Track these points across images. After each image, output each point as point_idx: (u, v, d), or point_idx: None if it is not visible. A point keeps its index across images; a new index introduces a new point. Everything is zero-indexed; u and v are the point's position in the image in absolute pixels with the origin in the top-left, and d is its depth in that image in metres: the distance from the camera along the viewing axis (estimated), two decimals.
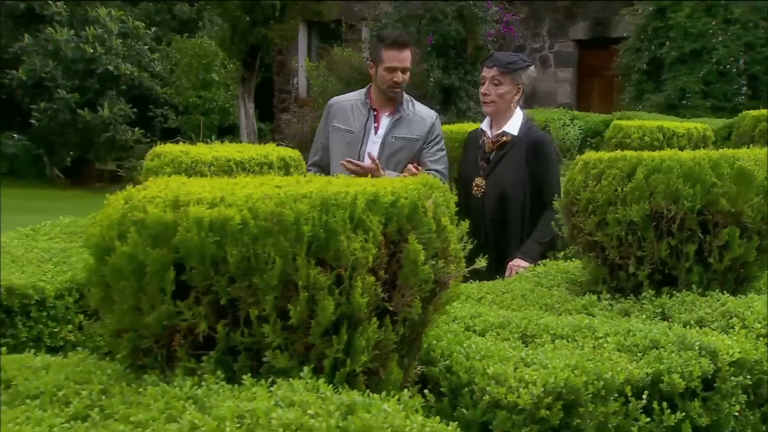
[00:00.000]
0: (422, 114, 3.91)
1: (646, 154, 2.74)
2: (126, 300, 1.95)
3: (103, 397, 1.88)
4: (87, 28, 16.51)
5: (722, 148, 3.07)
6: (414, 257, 1.94)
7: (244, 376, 1.89)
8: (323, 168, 3.93)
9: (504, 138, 3.58)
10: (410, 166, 3.76)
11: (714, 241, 2.63)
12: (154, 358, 2.00)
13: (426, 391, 2.11)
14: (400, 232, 1.96)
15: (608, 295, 2.79)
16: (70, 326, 3.10)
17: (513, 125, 3.62)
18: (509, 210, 3.86)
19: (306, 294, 1.88)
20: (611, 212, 2.75)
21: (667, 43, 13.80)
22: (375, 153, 3.75)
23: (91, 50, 16.60)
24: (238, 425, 1.71)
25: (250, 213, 1.89)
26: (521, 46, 16.60)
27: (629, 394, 2.13)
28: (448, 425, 1.78)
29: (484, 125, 3.76)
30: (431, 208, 1.99)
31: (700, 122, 6.69)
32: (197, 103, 16.27)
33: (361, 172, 3.61)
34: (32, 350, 2.70)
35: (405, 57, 3.80)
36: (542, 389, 1.99)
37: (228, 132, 17.36)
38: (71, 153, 17.60)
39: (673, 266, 2.70)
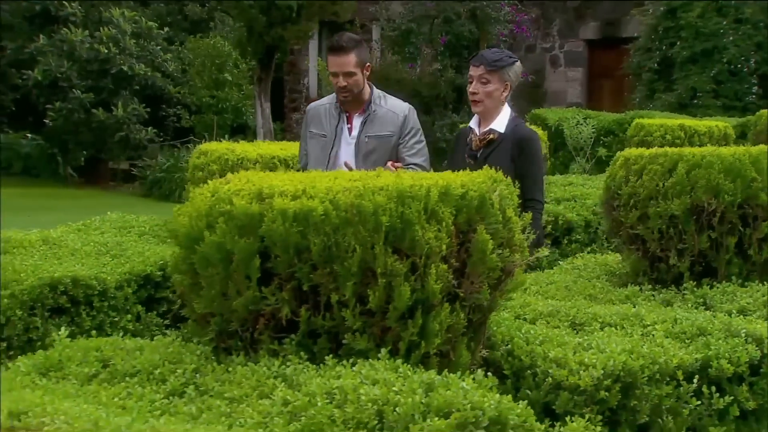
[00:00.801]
0: (394, 109, 3.78)
1: (687, 150, 2.86)
2: (213, 286, 2.08)
3: (197, 375, 2.01)
4: (101, 28, 16.63)
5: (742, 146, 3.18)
6: (483, 246, 2.07)
7: (327, 357, 2.02)
8: None
9: (491, 135, 3.58)
10: (388, 164, 3.68)
11: (754, 233, 2.75)
12: (238, 341, 2.14)
13: (489, 373, 2.24)
14: (469, 222, 2.09)
15: (649, 286, 2.91)
16: (129, 316, 3.24)
17: (500, 123, 3.61)
18: None
19: (384, 280, 2.01)
20: (652, 206, 2.87)
21: (678, 43, 13.90)
22: (351, 155, 3.72)
23: (106, 50, 16.71)
24: (328, 401, 1.84)
25: (332, 204, 2.02)
26: (531, 46, 16.73)
27: (680, 379, 2.26)
28: (518, 404, 1.91)
29: (473, 123, 3.74)
30: (497, 200, 2.12)
31: (721, 120, 6.80)
32: (210, 103, 16.40)
33: None
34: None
35: (344, 62, 3.63)
36: (602, 372, 2.12)
37: (239, 131, 17.48)
38: (85, 152, 17.74)
39: (713, 258, 2.82)
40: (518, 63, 3.76)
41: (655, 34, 14.54)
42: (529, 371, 2.19)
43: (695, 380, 2.26)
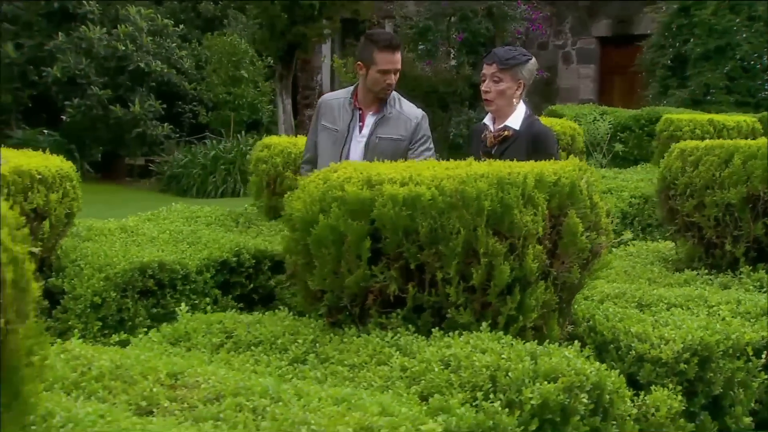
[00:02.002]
0: (408, 113, 3.78)
1: (742, 142, 3.04)
2: (326, 265, 2.27)
3: (316, 345, 2.20)
4: (118, 26, 16.81)
5: None
6: (573, 229, 2.25)
7: (434, 329, 2.21)
8: (315, 165, 3.77)
9: (506, 132, 3.57)
10: None
11: None
12: (347, 315, 2.32)
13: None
14: (561, 207, 2.27)
15: (705, 271, 3.09)
16: (207, 299, 3.42)
17: (515, 119, 3.60)
18: None
19: (486, 260, 2.20)
20: (708, 195, 3.06)
21: (692, 40, 14.05)
22: (359, 152, 3.68)
23: (123, 48, 16.89)
24: (443, 367, 2.03)
25: (437, 190, 2.20)
26: (544, 43, 16.89)
27: (750, 354, 2.44)
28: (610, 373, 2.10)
29: (487, 120, 3.73)
30: (585, 186, 2.31)
31: (749, 116, 6.98)
32: (227, 100, 16.57)
33: None
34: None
35: (398, 59, 3.71)
36: (681, 345, 2.31)
37: (252, 128, 17.65)
38: (102, 148, 17.92)
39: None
40: (532, 61, 3.72)
41: (668, 32, 14.69)
42: (612, 345, 2.37)
43: (764, 356, 2.44)
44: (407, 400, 1.90)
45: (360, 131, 3.73)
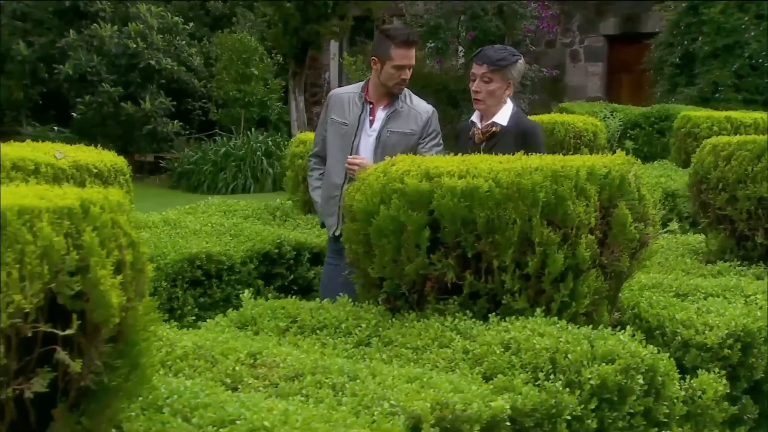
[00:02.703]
0: (419, 108, 3.79)
1: None
2: (386, 254, 2.37)
3: (378, 329, 2.30)
4: (129, 23, 16.91)
5: None
6: (623, 220, 2.36)
7: (490, 315, 2.32)
8: (323, 159, 3.86)
9: (493, 128, 3.58)
10: None
11: None
12: (405, 301, 2.43)
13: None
14: (611, 199, 2.38)
15: (737, 263, 3.20)
16: (251, 289, 3.53)
17: (502, 116, 3.61)
18: None
19: (540, 249, 2.31)
20: (741, 189, 3.16)
21: (700, 38, 14.14)
22: (370, 146, 3.70)
23: (134, 45, 16.99)
24: (504, 349, 2.14)
25: (494, 182, 2.31)
26: (552, 41, 16.98)
27: None
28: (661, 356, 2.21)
29: (475, 117, 3.73)
30: (633, 179, 2.41)
31: (765, 113, 7.09)
32: (237, 97, 16.67)
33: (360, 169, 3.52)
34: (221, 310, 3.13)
35: (413, 55, 3.74)
36: (725, 332, 2.42)
37: (260, 125, 17.75)
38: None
39: None
40: (521, 61, 3.72)
41: (677, 30, 14.79)
42: (657, 331, 2.48)
43: None
44: (472, 380, 2.01)
45: (371, 125, 3.74)
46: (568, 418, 1.96)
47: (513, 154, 3.76)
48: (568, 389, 1.99)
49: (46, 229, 1.40)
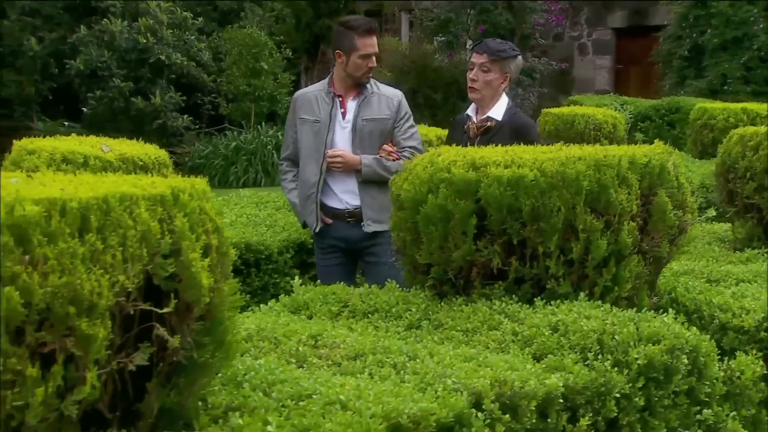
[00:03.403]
0: (388, 93, 3.82)
1: None
2: (434, 241, 2.46)
3: (428, 312, 2.39)
4: (139, 19, 17.00)
5: None
6: (663, 207, 2.45)
7: (535, 299, 2.41)
8: (294, 161, 3.86)
9: (488, 123, 3.58)
10: (385, 146, 3.76)
11: None
12: (451, 286, 2.52)
13: None
14: (651, 187, 2.47)
15: (765, 250, 3.29)
16: (287, 278, 3.63)
17: (497, 111, 3.61)
18: None
19: (584, 235, 2.39)
20: None
21: (709, 31, 14.20)
22: (347, 138, 3.73)
23: (144, 40, 17.08)
24: (552, 331, 2.23)
25: (539, 171, 2.40)
26: (559, 35, 17.04)
27: None
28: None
29: (470, 110, 3.73)
30: (672, 168, 2.50)
31: None
32: (247, 91, 16.76)
33: (341, 161, 3.69)
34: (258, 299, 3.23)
35: (376, 42, 3.77)
36: (762, 315, 2.50)
37: (269, 119, 17.84)
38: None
39: None
40: (520, 57, 3.73)
41: (685, 22, 14.85)
42: (695, 315, 2.57)
43: None
44: (524, 360, 2.10)
45: (343, 117, 3.76)
46: (617, 396, 2.04)
47: None
48: (616, 369, 2.08)
49: (144, 215, 1.49)
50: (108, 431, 1.47)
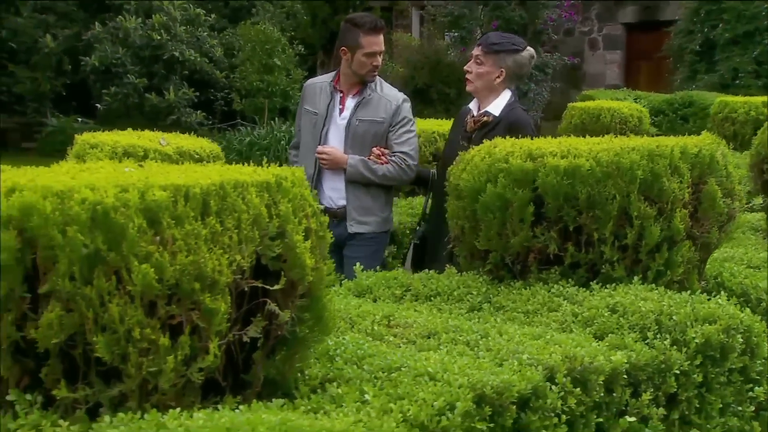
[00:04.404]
0: (389, 96, 3.77)
1: None
2: (492, 228, 2.57)
3: (489, 296, 2.50)
4: (153, 15, 17.12)
5: None
6: (713, 195, 2.55)
7: (591, 283, 2.52)
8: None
9: (485, 118, 3.55)
10: (375, 149, 3.74)
11: None
12: (508, 271, 2.63)
13: None
14: (701, 176, 2.57)
15: None
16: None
17: (496, 106, 3.58)
18: None
19: (638, 222, 2.50)
20: None
21: (720, 25, 14.27)
22: (341, 135, 3.73)
23: (158, 37, 17.20)
24: (610, 312, 2.34)
25: (595, 161, 2.50)
26: (570, 30, 17.11)
27: None
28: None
29: (472, 104, 3.70)
30: (722, 158, 2.60)
31: None
32: (260, 87, 16.87)
33: (328, 158, 3.72)
34: None
35: (382, 41, 3.73)
36: None
37: (281, 115, 17.96)
38: None
39: None
40: (524, 53, 3.62)
41: (696, 17, 14.91)
42: (741, 298, 2.68)
43: None
44: (586, 339, 2.20)
45: (340, 114, 3.75)
46: (677, 372, 2.15)
47: None
48: (674, 347, 2.19)
49: (255, 200, 1.60)
50: (224, 398, 1.58)
